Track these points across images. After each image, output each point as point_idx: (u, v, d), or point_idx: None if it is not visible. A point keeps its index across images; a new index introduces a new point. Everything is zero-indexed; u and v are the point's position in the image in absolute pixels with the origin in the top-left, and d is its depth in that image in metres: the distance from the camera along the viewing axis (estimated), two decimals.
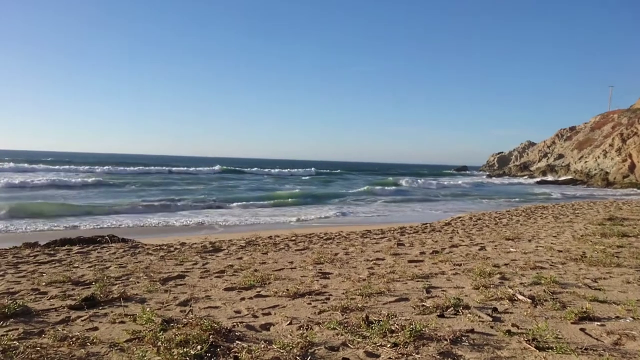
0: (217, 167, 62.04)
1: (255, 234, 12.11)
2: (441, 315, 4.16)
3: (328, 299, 4.93)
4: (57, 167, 52.88)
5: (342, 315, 4.24)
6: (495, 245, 8.77)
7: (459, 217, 16.81)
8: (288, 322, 4.06)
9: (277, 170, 65.91)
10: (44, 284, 5.76)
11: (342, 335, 3.66)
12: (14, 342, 3.58)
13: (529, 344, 3.37)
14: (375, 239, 10.63)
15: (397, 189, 38.21)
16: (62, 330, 3.90)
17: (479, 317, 4.09)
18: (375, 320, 3.89)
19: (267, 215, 18.83)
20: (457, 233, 11.53)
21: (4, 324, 4.00)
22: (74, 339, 3.61)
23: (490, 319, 4.03)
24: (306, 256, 7.97)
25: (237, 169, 65.74)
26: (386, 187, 37.47)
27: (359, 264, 7.10)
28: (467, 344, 3.45)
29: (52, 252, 8.45)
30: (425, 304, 4.56)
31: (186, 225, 15.66)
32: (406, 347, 3.35)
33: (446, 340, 3.47)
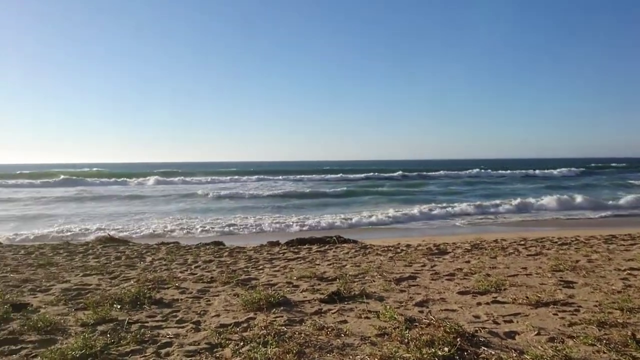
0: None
1: (479, 237, 11.71)
2: None
3: (577, 310, 4.49)
4: (292, 176, 54.60)
5: (600, 330, 3.81)
6: None
7: None
8: (535, 333, 3.83)
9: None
10: (295, 278, 6.57)
11: (604, 352, 3.29)
12: (282, 327, 4.18)
13: None
14: (624, 245, 9.24)
15: None
16: (318, 320, 4.40)
17: None
18: None
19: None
20: None
21: (275, 311, 4.69)
22: (329, 329, 4.04)
23: None
24: (541, 262, 7.38)
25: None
26: None
27: (608, 274, 6.28)
28: None
29: (296, 250, 9.59)
30: None
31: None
32: None
33: None
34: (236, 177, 55.09)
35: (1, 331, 4.13)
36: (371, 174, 56.48)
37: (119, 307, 4.90)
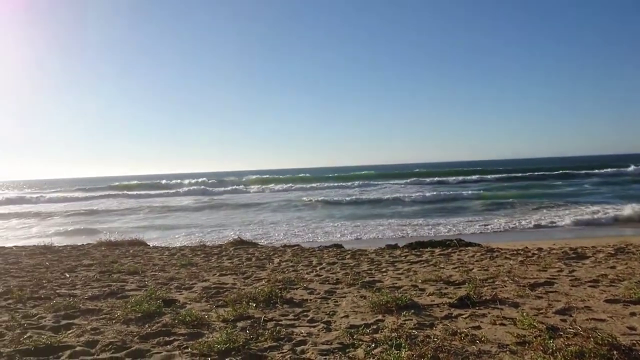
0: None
1: (624, 240, 10.53)
2: None
3: None
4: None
5: None
6: None
7: None
8: None
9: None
10: (420, 281, 6.45)
11: None
12: (413, 330, 4.13)
13: None
14: None
15: None
16: (450, 325, 4.27)
17: None
18: None
19: None
20: None
21: (405, 314, 4.64)
22: (462, 335, 3.90)
23: None
24: None
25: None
26: None
27: None
28: None
29: (418, 253, 9.42)
30: None
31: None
32: None
33: None
34: (337, 183, 53.40)
35: (156, 323, 4.60)
36: (475, 176, 53.30)
37: (254, 305, 5.20)
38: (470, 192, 33.31)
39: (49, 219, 28.31)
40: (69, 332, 4.37)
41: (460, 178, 51.71)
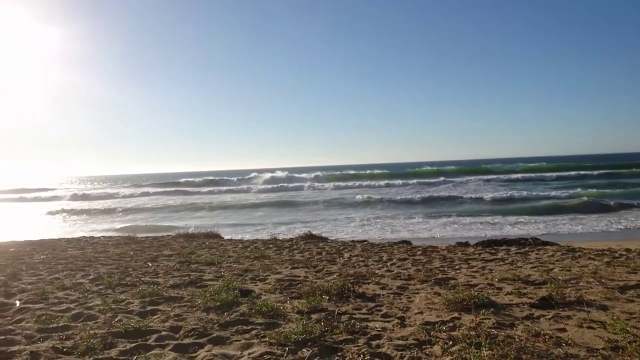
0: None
1: None
2: None
3: None
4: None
5: None
6: None
7: None
8: None
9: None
10: (496, 280, 6.23)
11: None
12: (492, 330, 3.99)
13: None
14: None
15: None
16: (532, 325, 4.09)
17: None
18: None
19: None
20: None
21: (485, 312, 4.50)
22: (546, 337, 3.72)
23: None
24: None
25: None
26: None
27: None
28: None
29: (492, 251, 9.09)
30: None
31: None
32: None
33: None
34: (386, 181, 48.69)
35: (234, 312, 4.76)
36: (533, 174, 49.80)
37: (327, 298, 5.25)
38: (568, 191, 30.98)
39: (129, 213, 30.12)
40: (155, 317, 4.63)
41: (534, 175, 49.00)
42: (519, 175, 48.58)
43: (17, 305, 5.19)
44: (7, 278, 6.66)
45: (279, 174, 60.15)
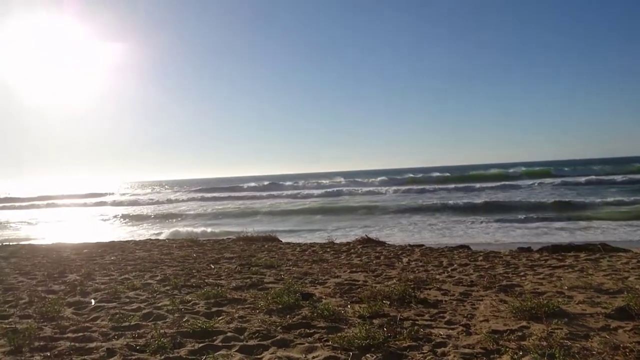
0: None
1: None
2: None
3: None
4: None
5: None
6: None
7: None
8: None
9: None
10: (566, 288, 5.94)
11: None
12: (565, 340, 3.81)
13: None
14: None
15: None
16: (609, 337, 3.87)
17: None
18: None
19: None
20: None
21: (557, 322, 4.28)
22: (626, 350, 3.51)
23: None
24: None
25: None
26: None
27: None
28: None
29: (560, 258, 8.68)
30: None
31: None
32: None
33: None
34: (445, 185, 46.68)
35: (296, 315, 4.81)
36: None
37: (388, 303, 5.20)
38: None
39: (191, 218, 31.21)
40: (220, 318, 4.76)
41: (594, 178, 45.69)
42: (583, 179, 45.85)
43: (93, 303, 5.50)
44: (82, 278, 7.08)
45: (338, 178, 60.57)
